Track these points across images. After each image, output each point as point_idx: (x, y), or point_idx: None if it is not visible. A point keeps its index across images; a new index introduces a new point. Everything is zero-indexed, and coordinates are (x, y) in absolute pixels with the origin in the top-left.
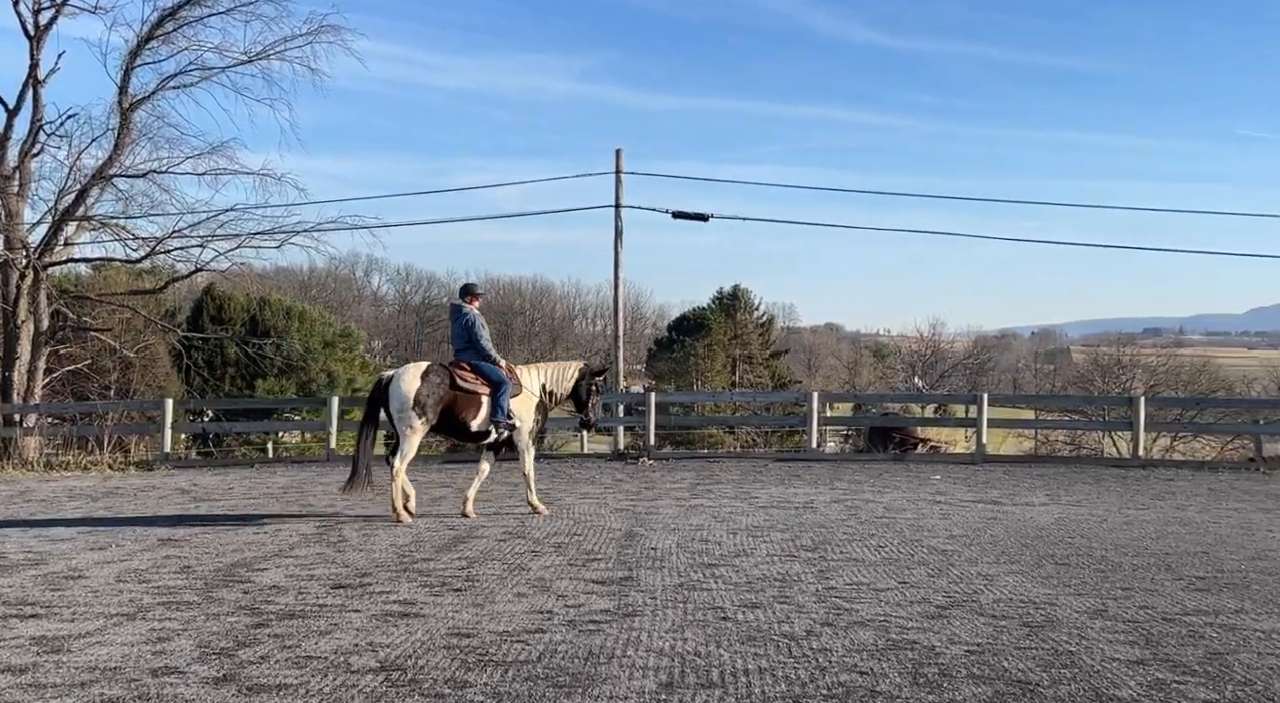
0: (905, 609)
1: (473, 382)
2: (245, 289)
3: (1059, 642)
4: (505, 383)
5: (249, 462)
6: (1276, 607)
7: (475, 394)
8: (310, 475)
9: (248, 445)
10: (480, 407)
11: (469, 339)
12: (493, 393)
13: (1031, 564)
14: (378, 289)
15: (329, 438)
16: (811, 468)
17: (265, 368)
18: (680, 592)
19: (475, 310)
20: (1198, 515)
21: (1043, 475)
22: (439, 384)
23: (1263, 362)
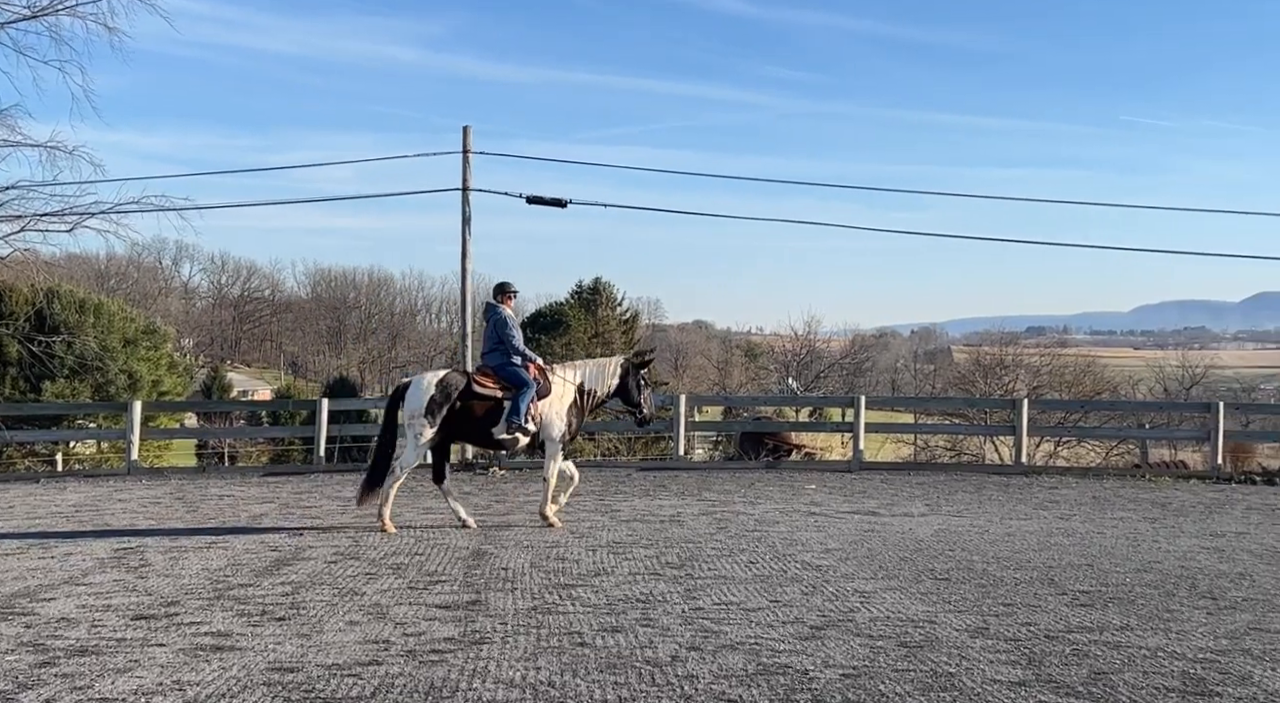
0: (777, 630)
1: (491, 388)
2: (30, 279)
3: (938, 663)
4: (528, 386)
5: (33, 476)
6: (1163, 623)
7: (495, 400)
8: (107, 492)
9: (32, 458)
10: (501, 413)
11: (499, 338)
12: (514, 395)
13: (910, 580)
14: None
15: (130, 448)
16: (678, 478)
17: (54, 369)
18: (533, 616)
19: (508, 309)
20: (1082, 526)
21: (922, 484)
22: (454, 392)
23: (1148, 362)
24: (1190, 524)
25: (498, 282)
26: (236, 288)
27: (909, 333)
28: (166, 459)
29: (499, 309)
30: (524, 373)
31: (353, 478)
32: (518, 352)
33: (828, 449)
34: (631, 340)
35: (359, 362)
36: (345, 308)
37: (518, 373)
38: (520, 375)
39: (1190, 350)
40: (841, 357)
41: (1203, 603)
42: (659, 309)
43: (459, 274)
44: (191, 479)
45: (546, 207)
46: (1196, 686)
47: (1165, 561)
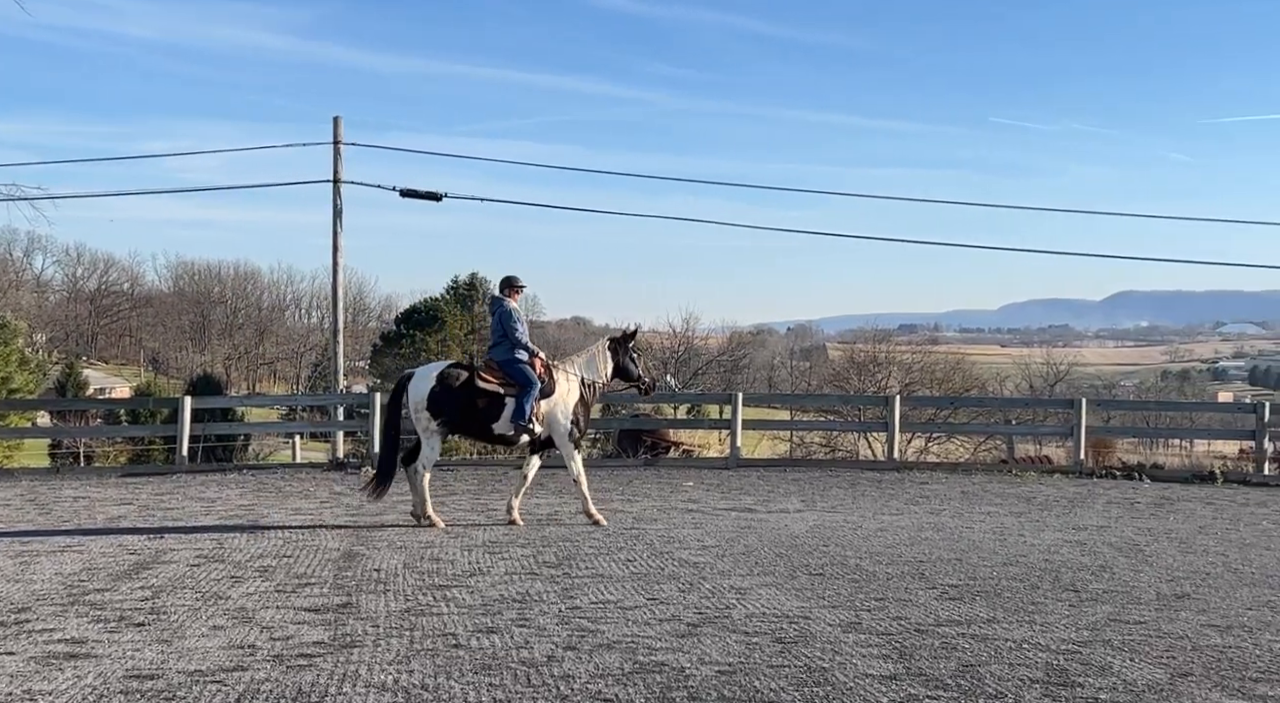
0: (654, 629)
1: (495, 383)
2: None
3: (812, 658)
4: (533, 384)
5: None
6: (1028, 615)
7: (498, 396)
8: None
9: None
10: (503, 409)
11: (503, 332)
12: (518, 394)
13: (786, 576)
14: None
15: None
16: (556, 476)
17: None
18: (407, 618)
19: (514, 304)
20: (951, 521)
21: (798, 480)
22: (457, 385)
23: (1015, 360)
24: (1054, 518)
25: (505, 275)
26: (93, 281)
27: (786, 330)
28: (17, 460)
29: (504, 302)
30: (530, 371)
31: (217, 478)
32: (522, 346)
33: (705, 446)
34: None
35: (224, 358)
36: (209, 302)
37: (524, 371)
38: (527, 374)
39: (1054, 348)
40: (719, 354)
41: (1066, 596)
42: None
43: (330, 268)
44: (44, 480)
45: (422, 200)
46: (1059, 677)
47: (1030, 554)
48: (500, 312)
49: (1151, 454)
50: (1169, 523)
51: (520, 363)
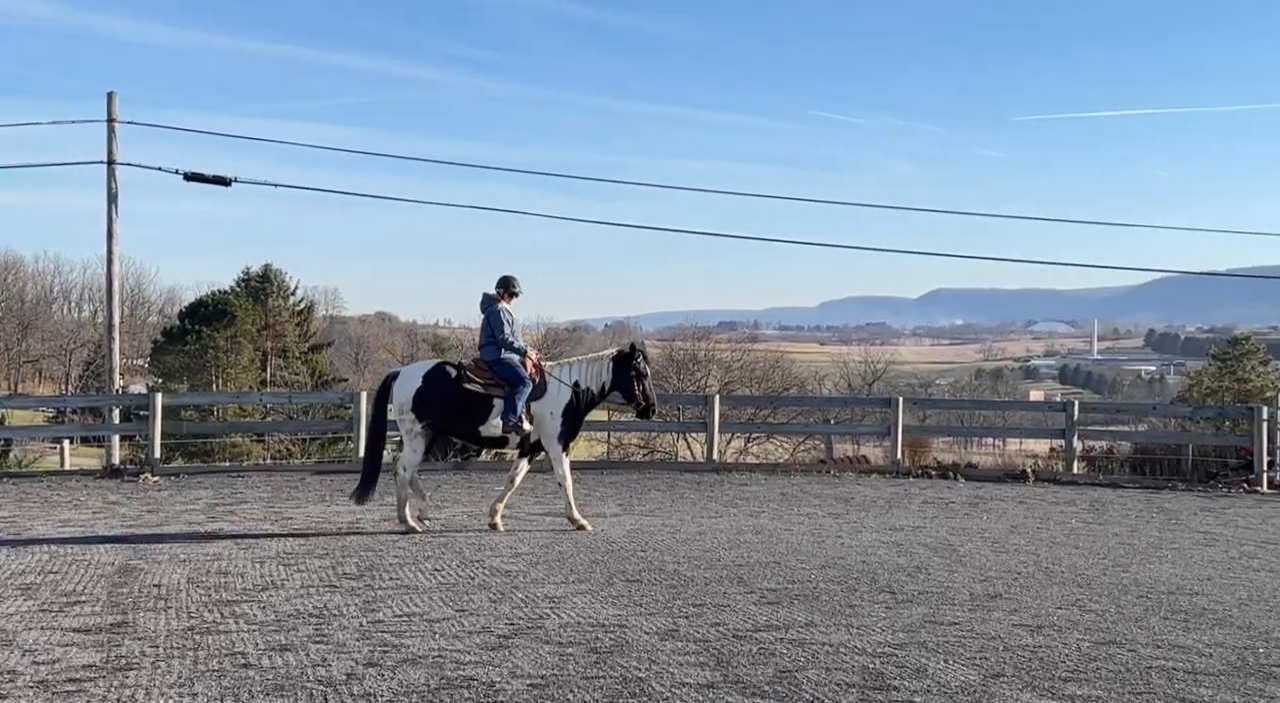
0: (463, 641)
1: (482, 383)
2: None
3: (628, 668)
4: (522, 384)
5: None
6: (845, 618)
7: (485, 396)
8: None
9: None
10: (491, 410)
11: (491, 333)
12: (507, 393)
13: (602, 583)
14: None
15: None
16: (352, 480)
17: None
18: (191, 637)
19: (505, 305)
20: (771, 523)
21: (615, 483)
22: (444, 385)
23: (834, 358)
24: (871, 519)
25: (502, 275)
26: None
27: (603, 327)
28: None
29: (495, 304)
30: (521, 370)
31: None
32: (510, 347)
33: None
34: (306, 333)
35: None
36: None
37: (514, 370)
38: (517, 372)
39: (872, 346)
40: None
41: (882, 597)
42: (338, 299)
43: (104, 258)
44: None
45: (209, 185)
46: (876, 680)
47: (848, 556)
48: (489, 312)
49: (966, 453)
50: (982, 523)
51: (509, 361)
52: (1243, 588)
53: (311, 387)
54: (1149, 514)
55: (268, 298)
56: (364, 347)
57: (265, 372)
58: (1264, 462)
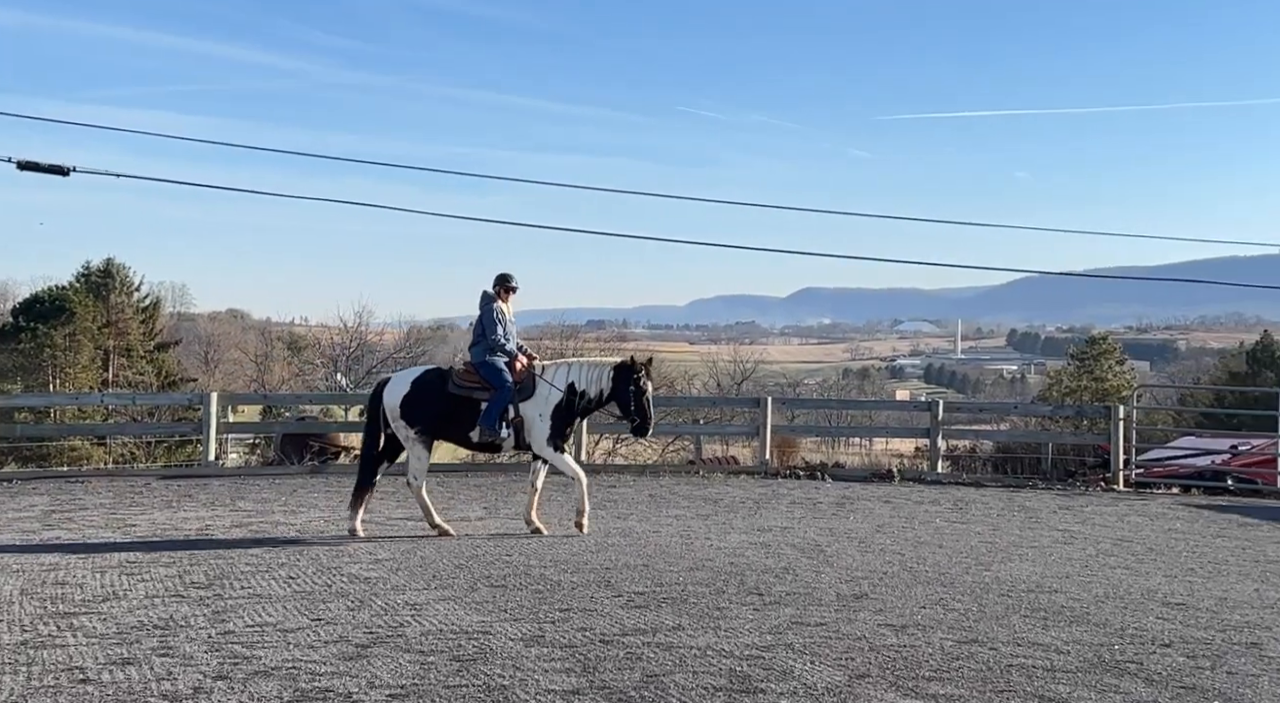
0: (319, 652)
1: (469, 386)
2: None
3: (492, 676)
4: (503, 388)
5: None
6: (713, 621)
7: (471, 400)
8: None
9: None
10: (478, 413)
11: (481, 332)
12: (489, 397)
13: (465, 589)
14: None
15: None
16: (208, 486)
17: None
18: (24, 652)
19: (502, 303)
20: (639, 525)
21: (481, 486)
22: (431, 390)
23: (703, 357)
24: (740, 521)
25: (499, 272)
26: None
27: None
28: None
29: (491, 301)
30: (504, 373)
31: None
32: (498, 348)
33: None
34: (153, 331)
35: None
36: None
37: (496, 373)
38: (498, 376)
39: (741, 346)
40: (396, 350)
41: (750, 599)
42: (186, 296)
43: None
44: None
45: (45, 175)
46: (742, 683)
47: (717, 558)
48: (483, 311)
49: (833, 453)
50: (849, 523)
51: (493, 363)
52: (1099, 585)
53: (158, 387)
54: (1010, 513)
55: (110, 294)
56: (214, 345)
57: (108, 371)
58: (1120, 460)
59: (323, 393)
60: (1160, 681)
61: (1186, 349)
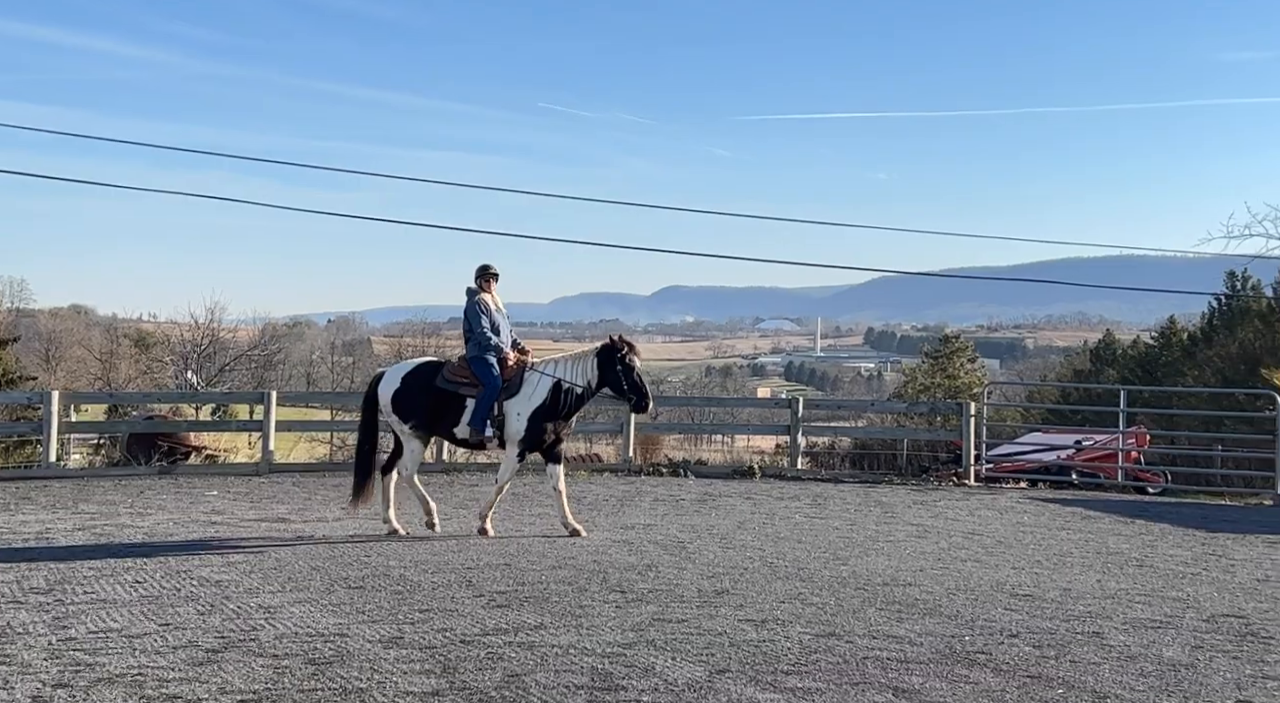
0: (167, 658)
1: (458, 381)
2: None
3: (349, 679)
4: (489, 385)
5: None
6: (575, 619)
7: (459, 396)
8: None
9: None
10: (464, 410)
11: (469, 328)
12: (477, 395)
13: (322, 591)
14: None
15: None
16: (49, 488)
17: None
18: None
19: (486, 296)
20: (501, 523)
21: (339, 486)
22: (421, 385)
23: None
24: (603, 518)
25: (479, 264)
26: None
27: (326, 322)
28: None
29: (474, 295)
30: (492, 371)
31: None
32: (484, 344)
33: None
34: None
35: None
36: None
37: (484, 371)
38: (485, 373)
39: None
40: (250, 348)
41: (613, 597)
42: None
43: None
44: None
45: None
46: (604, 681)
47: (580, 556)
48: (466, 306)
49: (696, 450)
50: (711, 519)
51: (482, 361)
52: (951, 578)
53: None
54: (867, 508)
55: None
56: (56, 342)
57: None
58: (972, 456)
59: (172, 391)
60: (1008, 670)
61: (1034, 347)
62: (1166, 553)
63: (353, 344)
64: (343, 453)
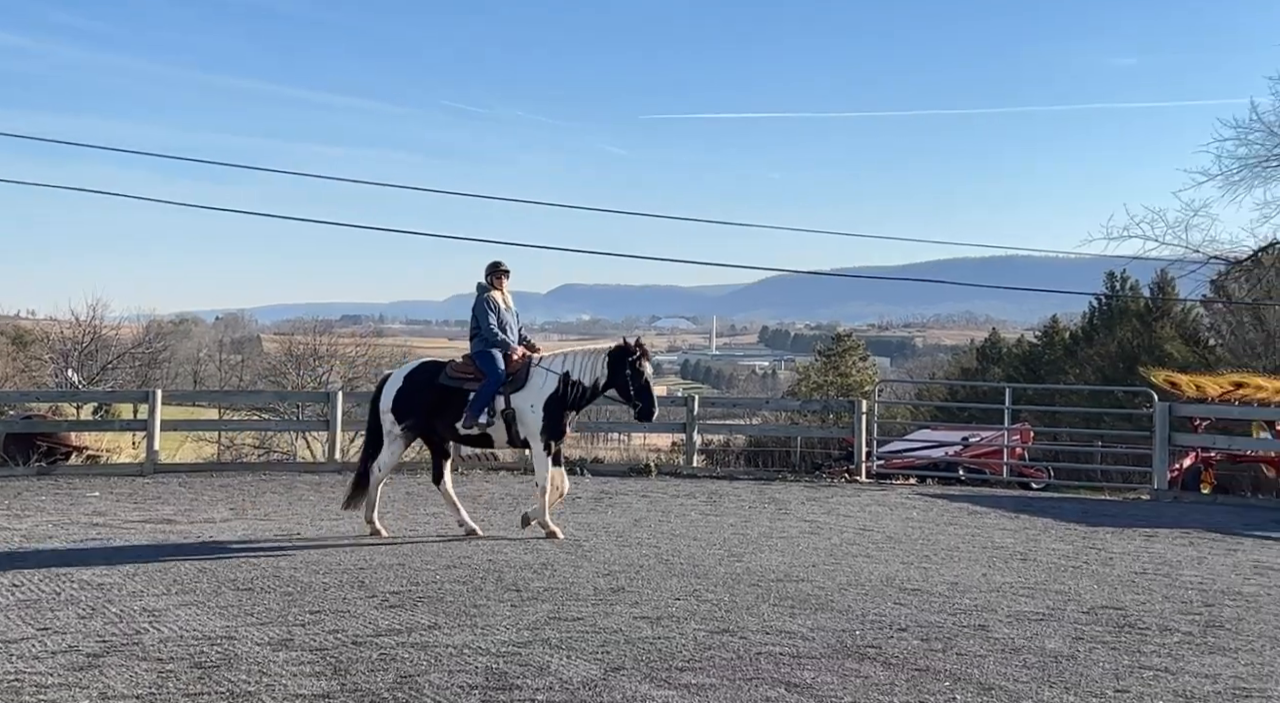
0: (45, 663)
1: (461, 377)
2: None
3: (236, 682)
4: (492, 378)
5: None
6: (470, 619)
7: (462, 391)
8: None
9: None
10: (467, 405)
11: (476, 326)
12: (478, 388)
13: (209, 593)
14: None
15: None
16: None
17: None
18: None
19: (496, 293)
20: (394, 523)
21: (226, 486)
22: (422, 383)
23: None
24: (498, 517)
25: (490, 261)
26: None
27: (214, 320)
28: None
29: (484, 292)
30: (496, 364)
31: None
32: (492, 340)
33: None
34: None
35: None
36: None
37: (487, 363)
38: (488, 366)
39: None
40: (134, 346)
41: (508, 596)
42: None
43: None
44: None
45: None
46: (499, 680)
47: (475, 555)
48: (475, 303)
49: (592, 448)
50: (607, 517)
51: (487, 354)
52: (843, 574)
53: None
54: (761, 505)
55: None
56: None
57: None
58: (863, 453)
59: (52, 390)
60: (897, 664)
61: (923, 346)
62: (1049, 547)
63: (241, 342)
64: (231, 453)
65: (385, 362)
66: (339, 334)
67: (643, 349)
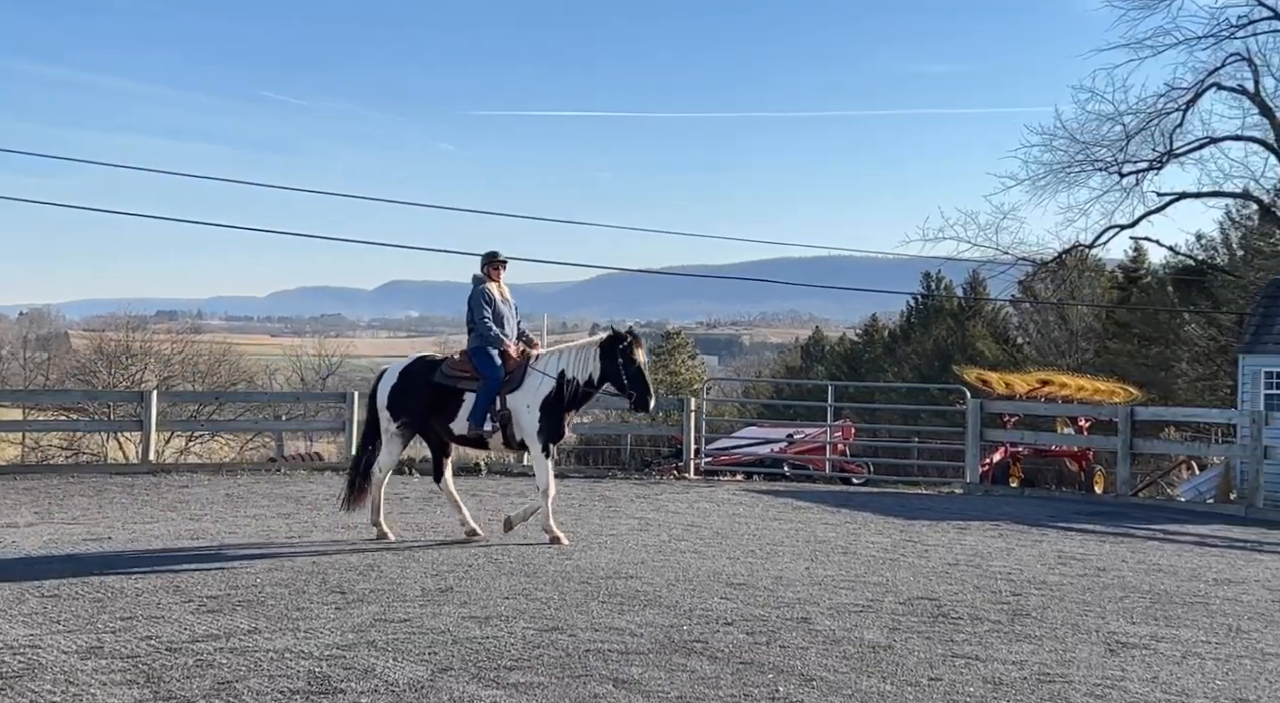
0: None
1: (457, 375)
2: None
3: (40, 693)
4: (490, 378)
5: None
6: (292, 622)
7: (456, 390)
8: None
9: None
10: (461, 405)
11: (470, 319)
12: (477, 388)
13: (11, 600)
14: None
15: None
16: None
17: None
18: None
19: (491, 285)
20: (213, 526)
21: (31, 489)
22: (417, 380)
23: (286, 351)
24: (323, 518)
25: (486, 252)
26: None
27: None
28: None
29: (479, 284)
30: (493, 363)
31: None
32: (486, 336)
33: None
34: None
35: None
36: None
37: (485, 363)
38: (486, 365)
39: (327, 338)
40: None
41: (333, 598)
42: None
43: None
44: None
45: None
46: (322, 684)
47: (297, 556)
48: (470, 296)
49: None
50: (436, 517)
51: (484, 352)
52: (671, 569)
53: None
54: (592, 502)
55: None
56: None
57: None
58: (692, 450)
59: None
60: (723, 657)
61: (750, 344)
62: (869, 540)
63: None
64: (35, 454)
65: (203, 359)
66: (154, 331)
67: (634, 336)
